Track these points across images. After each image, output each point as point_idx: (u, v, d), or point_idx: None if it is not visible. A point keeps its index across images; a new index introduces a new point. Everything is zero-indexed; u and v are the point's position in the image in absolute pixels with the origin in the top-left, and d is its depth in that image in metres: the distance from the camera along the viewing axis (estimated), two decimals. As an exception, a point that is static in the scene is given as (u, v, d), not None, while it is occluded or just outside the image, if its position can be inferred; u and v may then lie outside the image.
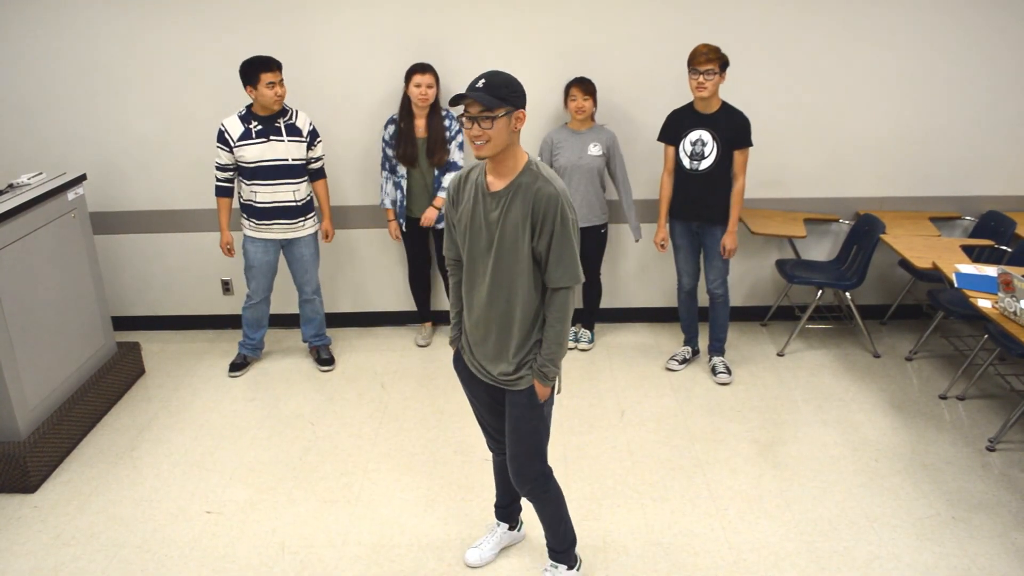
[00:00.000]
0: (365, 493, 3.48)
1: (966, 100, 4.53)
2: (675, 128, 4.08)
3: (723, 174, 4.02)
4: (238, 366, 4.50)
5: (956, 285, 3.70)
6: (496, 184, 2.44)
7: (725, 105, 3.98)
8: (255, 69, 3.94)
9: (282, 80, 4.02)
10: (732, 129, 3.95)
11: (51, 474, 3.65)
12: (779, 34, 4.41)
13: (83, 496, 3.50)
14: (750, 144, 3.99)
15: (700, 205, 4.08)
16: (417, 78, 4.18)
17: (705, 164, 4.01)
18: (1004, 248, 4.33)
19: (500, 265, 2.46)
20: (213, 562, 3.09)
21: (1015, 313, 3.33)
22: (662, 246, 4.27)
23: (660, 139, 4.17)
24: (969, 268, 3.85)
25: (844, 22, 4.38)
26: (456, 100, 2.35)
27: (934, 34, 4.40)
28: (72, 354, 3.97)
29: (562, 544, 2.85)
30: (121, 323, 4.99)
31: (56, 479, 3.62)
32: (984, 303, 3.52)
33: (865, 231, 4.49)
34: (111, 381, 4.21)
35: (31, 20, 4.42)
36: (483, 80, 2.35)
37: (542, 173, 2.43)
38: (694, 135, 4.00)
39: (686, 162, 4.05)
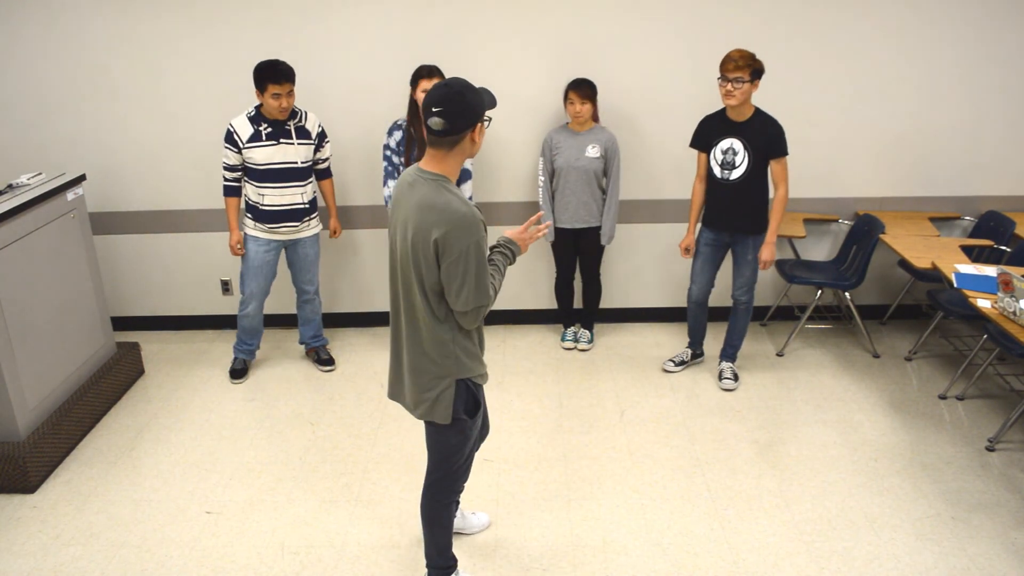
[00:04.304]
0: (365, 493, 3.48)
1: (966, 100, 4.53)
2: (706, 135, 3.96)
3: (755, 184, 3.88)
4: (239, 372, 4.45)
5: (955, 285, 3.70)
6: None
7: (758, 112, 3.85)
8: (262, 77, 3.87)
9: (291, 92, 3.92)
10: (764, 138, 3.81)
11: (50, 474, 3.65)
12: (779, 34, 4.40)
13: (82, 496, 3.50)
14: (785, 153, 3.84)
15: (731, 216, 3.95)
16: (424, 83, 4.02)
17: (736, 174, 3.88)
18: (1003, 248, 4.33)
19: None
20: (213, 562, 3.09)
21: (1014, 313, 3.34)
22: (687, 251, 4.18)
23: (692, 145, 4.06)
24: (968, 268, 3.86)
25: (844, 22, 4.38)
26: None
27: (934, 34, 4.40)
28: (71, 354, 3.97)
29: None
30: (121, 323, 4.99)
31: (55, 479, 3.62)
32: (983, 303, 3.52)
33: (865, 231, 4.49)
34: (111, 381, 4.21)
35: (30, 20, 4.41)
36: None
37: None
38: (725, 143, 3.88)
39: (716, 171, 3.93)
